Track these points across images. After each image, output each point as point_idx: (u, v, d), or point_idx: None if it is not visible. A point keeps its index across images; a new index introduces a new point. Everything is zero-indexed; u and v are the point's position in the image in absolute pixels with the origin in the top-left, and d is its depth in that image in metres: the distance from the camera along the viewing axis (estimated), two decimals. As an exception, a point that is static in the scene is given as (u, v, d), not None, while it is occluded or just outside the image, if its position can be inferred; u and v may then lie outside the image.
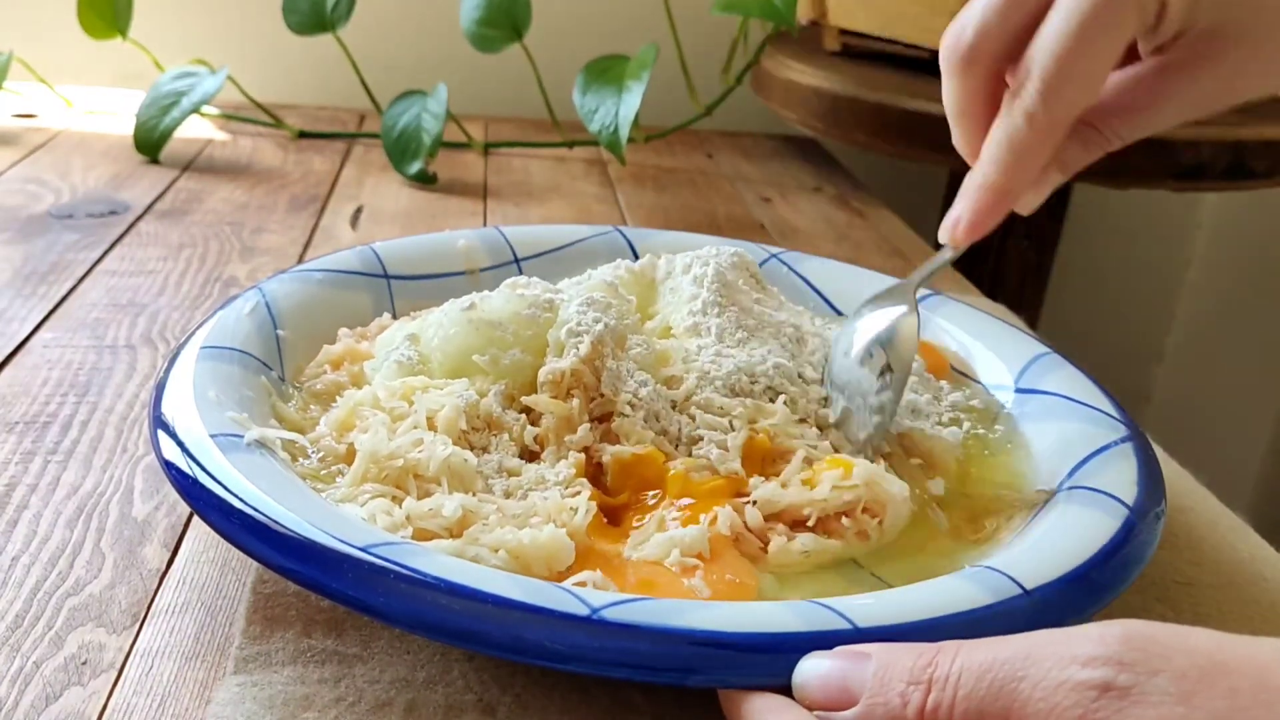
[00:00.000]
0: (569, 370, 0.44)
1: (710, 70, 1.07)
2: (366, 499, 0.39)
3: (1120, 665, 0.26)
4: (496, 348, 0.46)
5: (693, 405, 0.45)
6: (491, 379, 0.45)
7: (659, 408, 0.44)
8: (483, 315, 0.47)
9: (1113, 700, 0.26)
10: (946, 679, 0.29)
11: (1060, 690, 0.27)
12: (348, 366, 0.49)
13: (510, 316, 0.47)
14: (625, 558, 0.39)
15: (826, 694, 0.31)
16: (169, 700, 0.35)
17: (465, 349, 0.46)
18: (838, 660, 0.31)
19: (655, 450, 0.43)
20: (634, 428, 0.43)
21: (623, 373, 0.45)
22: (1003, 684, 0.28)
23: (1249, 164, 0.91)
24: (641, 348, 0.47)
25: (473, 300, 0.48)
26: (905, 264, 0.83)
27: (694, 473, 0.42)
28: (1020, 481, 0.46)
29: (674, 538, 0.39)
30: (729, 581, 0.38)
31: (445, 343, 0.46)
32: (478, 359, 0.45)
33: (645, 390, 0.44)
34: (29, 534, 0.43)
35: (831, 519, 0.41)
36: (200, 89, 0.93)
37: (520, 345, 0.46)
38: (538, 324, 0.47)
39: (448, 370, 0.46)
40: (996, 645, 0.29)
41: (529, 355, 0.46)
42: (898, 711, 0.29)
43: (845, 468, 0.42)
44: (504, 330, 0.46)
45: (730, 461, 0.43)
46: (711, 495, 0.41)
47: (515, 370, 0.45)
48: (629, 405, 0.44)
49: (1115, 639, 0.27)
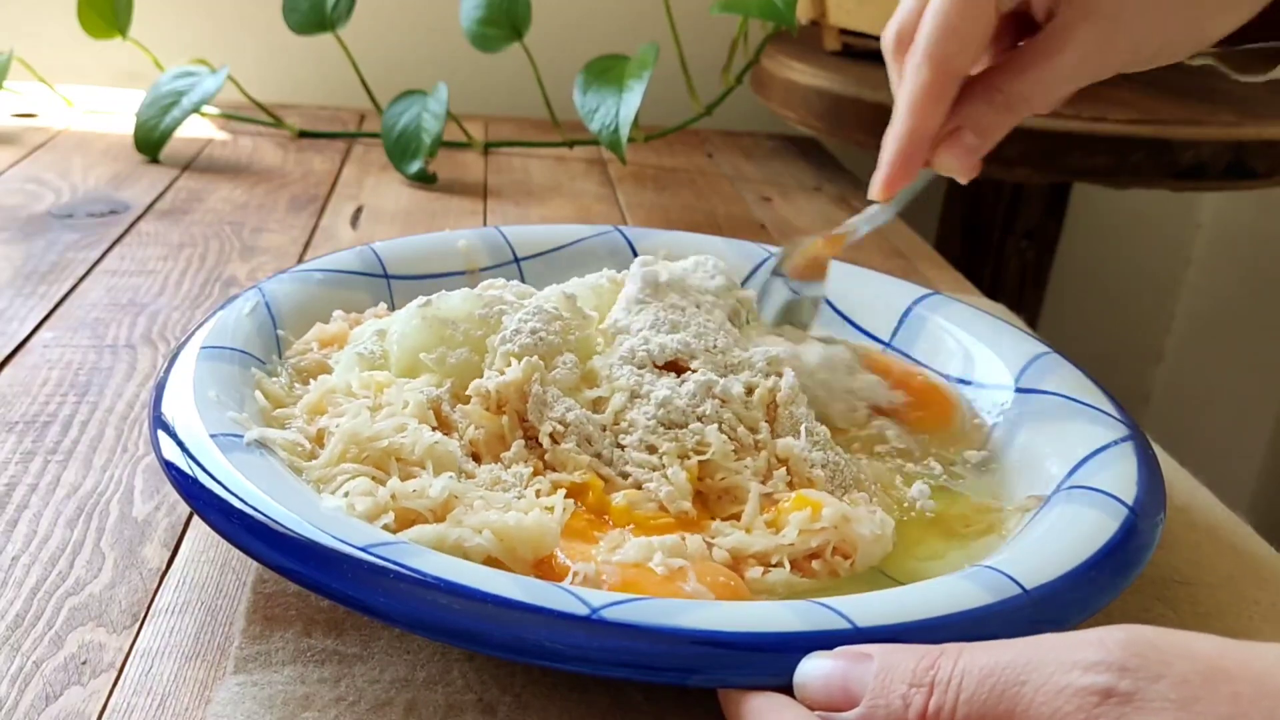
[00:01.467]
0: (494, 390, 0.44)
1: (710, 70, 1.07)
2: (345, 479, 0.39)
3: (1122, 671, 0.26)
4: (446, 346, 0.46)
5: (619, 431, 0.44)
6: (438, 377, 0.45)
7: (589, 431, 0.43)
8: (436, 312, 0.47)
9: (1115, 706, 0.26)
10: (948, 682, 0.29)
11: (1062, 695, 0.27)
12: (336, 348, 0.50)
13: (464, 316, 0.47)
14: (604, 560, 0.38)
15: (828, 694, 0.31)
16: (169, 700, 0.35)
17: (418, 345, 0.46)
18: (839, 661, 0.31)
19: (595, 479, 0.42)
20: (570, 456, 0.42)
21: (549, 397, 0.44)
22: (1004, 688, 0.28)
23: (1249, 164, 0.91)
24: (565, 368, 0.45)
25: (431, 298, 0.48)
26: (905, 264, 0.83)
27: (638, 506, 0.41)
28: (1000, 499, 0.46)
29: (653, 542, 0.38)
30: (723, 583, 0.37)
31: (402, 337, 0.47)
32: (424, 357, 0.45)
33: (572, 415, 0.43)
34: (29, 534, 0.43)
35: (802, 560, 0.40)
36: (200, 89, 0.93)
37: (470, 345, 0.46)
38: (488, 325, 0.46)
39: (403, 365, 0.46)
40: (999, 649, 0.29)
41: (476, 356, 0.46)
42: (899, 713, 0.29)
43: (814, 508, 0.40)
44: (455, 329, 0.46)
45: (680, 501, 0.41)
46: (663, 531, 0.40)
47: (462, 370, 0.45)
48: (550, 437, 0.43)
49: (1117, 644, 0.27)
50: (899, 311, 0.58)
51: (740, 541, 0.39)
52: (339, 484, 0.39)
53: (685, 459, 0.43)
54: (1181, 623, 0.42)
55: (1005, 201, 1.15)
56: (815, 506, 0.40)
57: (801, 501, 0.41)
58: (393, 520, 0.37)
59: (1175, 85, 1.06)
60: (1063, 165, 0.91)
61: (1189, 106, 0.96)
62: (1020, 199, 1.15)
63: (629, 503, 0.41)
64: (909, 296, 0.59)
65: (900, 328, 0.58)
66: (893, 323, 0.58)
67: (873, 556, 0.40)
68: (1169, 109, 0.95)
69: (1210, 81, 1.11)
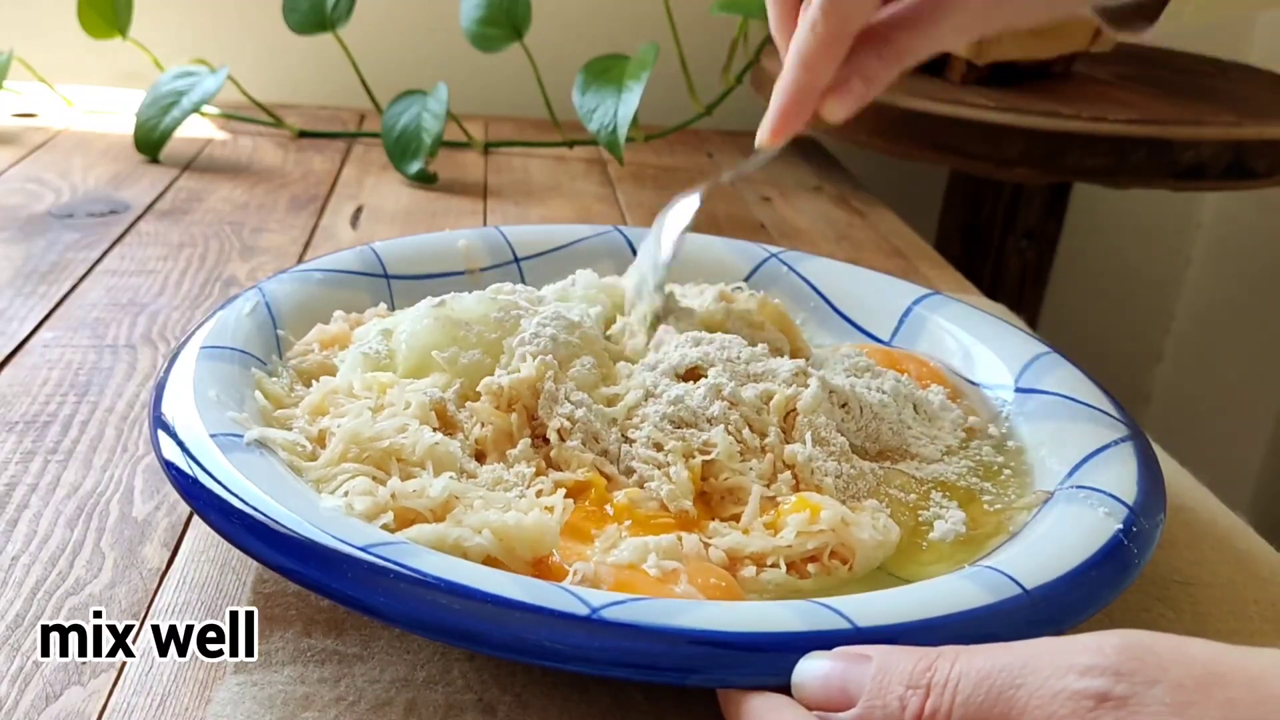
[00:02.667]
0: (507, 386, 0.44)
1: (710, 70, 1.07)
2: (345, 478, 0.39)
3: (1117, 675, 0.26)
4: (459, 346, 0.46)
5: (630, 428, 0.44)
6: (449, 377, 0.45)
7: (597, 429, 0.43)
8: (450, 313, 0.47)
9: (1110, 710, 0.26)
10: (945, 684, 0.29)
11: (1058, 699, 0.27)
12: (337, 349, 0.50)
13: (478, 318, 0.47)
14: (598, 561, 0.38)
15: (826, 694, 0.31)
16: (169, 700, 0.35)
17: (430, 345, 0.46)
18: (838, 661, 0.31)
19: (597, 478, 0.42)
20: (573, 454, 0.42)
21: (560, 395, 0.44)
22: (1000, 690, 0.28)
23: (1249, 164, 0.91)
24: (583, 366, 0.46)
25: (445, 298, 0.48)
26: (905, 263, 0.83)
27: (639, 505, 0.41)
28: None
29: (648, 543, 0.38)
30: (714, 585, 0.37)
31: (412, 336, 0.47)
32: (437, 355, 0.45)
33: (580, 412, 0.43)
34: (29, 533, 0.43)
35: (799, 562, 0.39)
36: (200, 88, 0.93)
37: (482, 347, 0.46)
38: (503, 328, 0.47)
39: (411, 364, 0.46)
40: (996, 652, 0.29)
41: (488, 358, 0.46)
42: (895, 715, 0.29)
43: (812, 510, 0.40)
44: (469, 330, 0.46)
45: (681, 500, 0.41)
46: (661, 529, 0.40)
47: (473, 371, 0.45)
48: (558, 433, 0.43)
49: (1113, 649, 0.27)
50: (899, 311, 0.59)
51: (737, 542, 0.39)
52: (339, 484, 0.39)
53: (690, 458, 0.43)
54: (1181, 623, 0.42)
55: (1005, 201, 1.15)
56: (814, 509, 0.40)
57: (802, 504, 0.41)
58: (392, 520, 0.37)
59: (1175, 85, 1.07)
60: (1063, 165, 0.91)
61: (1189, 106, 0.96)
62: (1020, 199, 1.15)
63: (630, 501, 0.41)
64: (909, 296, 0.59)
65: (900, 328, 0.58)
66: (893, 323, 0.58)
67: (873, 561, 0.40)
68: (1169, 109, 0.95)
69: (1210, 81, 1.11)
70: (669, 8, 0.98)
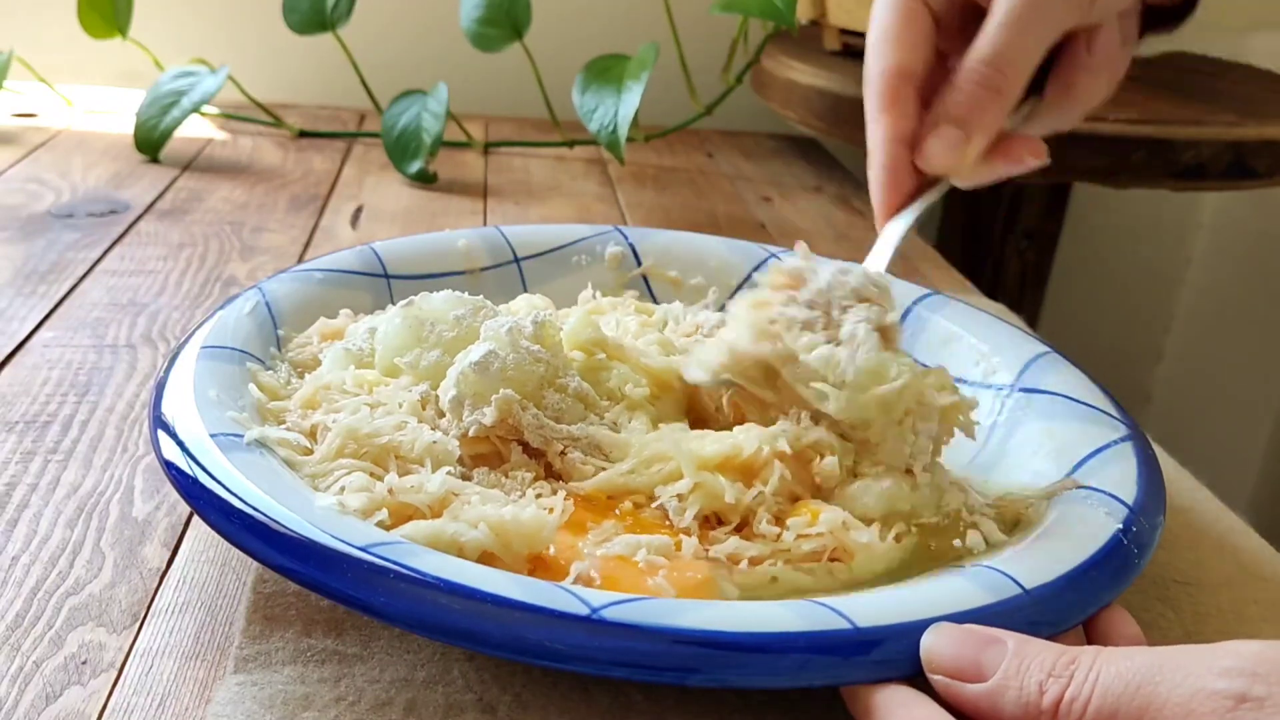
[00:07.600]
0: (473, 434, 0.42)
1: (710, 70, 1.07)
2: (342, 474, 0.39)
3: (1254, 677, 0.28)
4: (422, 346, 0.45)
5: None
6: (413, 380, 0.45)
7: (601, 438, 0.43)
8: (418, 313, 0.47)
9: (1248, 710, 0.27)
10: (1086, 676, 0.30)
11: (1197, 698, 0.28)
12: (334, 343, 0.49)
13: (440, 317, 0.46)
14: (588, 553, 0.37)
15: (958, 665, 0.31)
16: (169, 700, 0.35)
17: (398, 345, 0.46)
18: (971, 637, 0.32)
19: (598, 490, 0.41)
20: (575, 465, 0.42)
21: (544, 421, 0.42)
22: (1139, 686, 0.29)
23: (1249, 164, 0.91)
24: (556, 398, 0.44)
25: (414, 298, 0.48)
26: (905, 264, 0.83)
27: (644, 510, 0.41)
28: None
29: (641, 540, 0.38)
30: (690, 579, 0.37)
31: (384, 337, 0.47)
32: (399, 361, 0.45)
33: (580, 429, 0.43)
34: (29, 533, 0.43)
35: (798, 564, 0.39)
36: (200, 88, 0.93)
37: (442, 347, 0.45)
38: (462, 326, 0.46)
39: (384, 364, 0.46)
40: (1133, 654, 0.30)
41: (448, 358, 0.45)
42: (1033, 699, 0.30)
43: (812, 514, 0.40)
44: (431, 330, 0.46)
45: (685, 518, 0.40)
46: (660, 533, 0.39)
47: (435, 372, 0.45)
48: (560, 455, 0.42)
49: (1251, 654, 0.28)
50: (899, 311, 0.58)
51: (737, 547, 0.39)
52: (335, 479, 0.39)
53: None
54: (1181, 623, 0.42)
55: (1005, 201, 1.15)
56: (813, 513, 0.40)
57: (802, 507, 0.41)
58: (387, 516, 0.37)
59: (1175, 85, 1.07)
60: (1063, 165, 0.90)
61: (1189, 106, 0.96)
62: (1020, 199, 1.15)
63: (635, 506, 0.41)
64: (909, 296, 0.59)
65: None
66: (893, 323, 0.58)
67: (875, 560, 0.40)
68: (1169, 109, 0.95)
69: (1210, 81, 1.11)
70: (669, 8, 0.98)
